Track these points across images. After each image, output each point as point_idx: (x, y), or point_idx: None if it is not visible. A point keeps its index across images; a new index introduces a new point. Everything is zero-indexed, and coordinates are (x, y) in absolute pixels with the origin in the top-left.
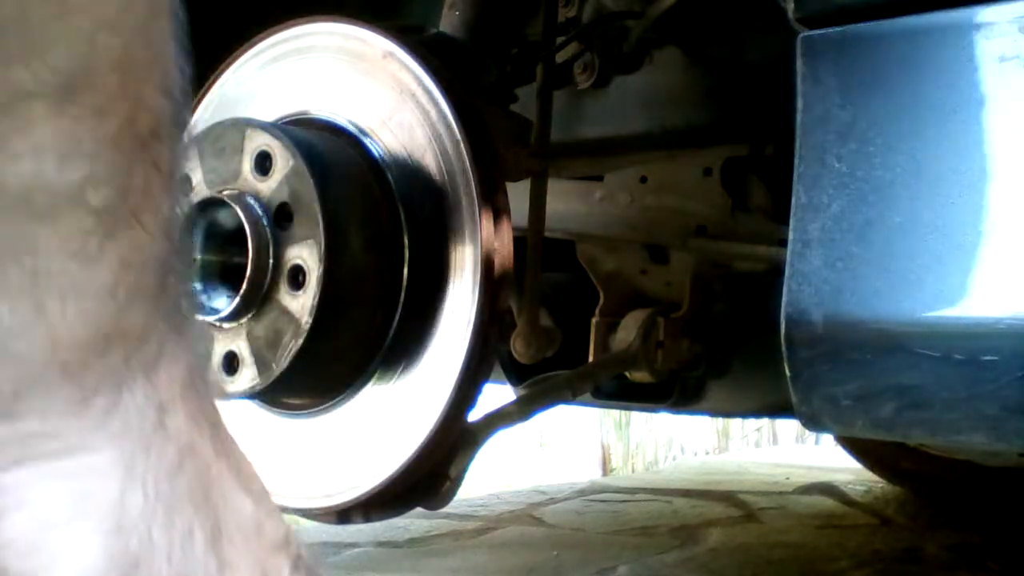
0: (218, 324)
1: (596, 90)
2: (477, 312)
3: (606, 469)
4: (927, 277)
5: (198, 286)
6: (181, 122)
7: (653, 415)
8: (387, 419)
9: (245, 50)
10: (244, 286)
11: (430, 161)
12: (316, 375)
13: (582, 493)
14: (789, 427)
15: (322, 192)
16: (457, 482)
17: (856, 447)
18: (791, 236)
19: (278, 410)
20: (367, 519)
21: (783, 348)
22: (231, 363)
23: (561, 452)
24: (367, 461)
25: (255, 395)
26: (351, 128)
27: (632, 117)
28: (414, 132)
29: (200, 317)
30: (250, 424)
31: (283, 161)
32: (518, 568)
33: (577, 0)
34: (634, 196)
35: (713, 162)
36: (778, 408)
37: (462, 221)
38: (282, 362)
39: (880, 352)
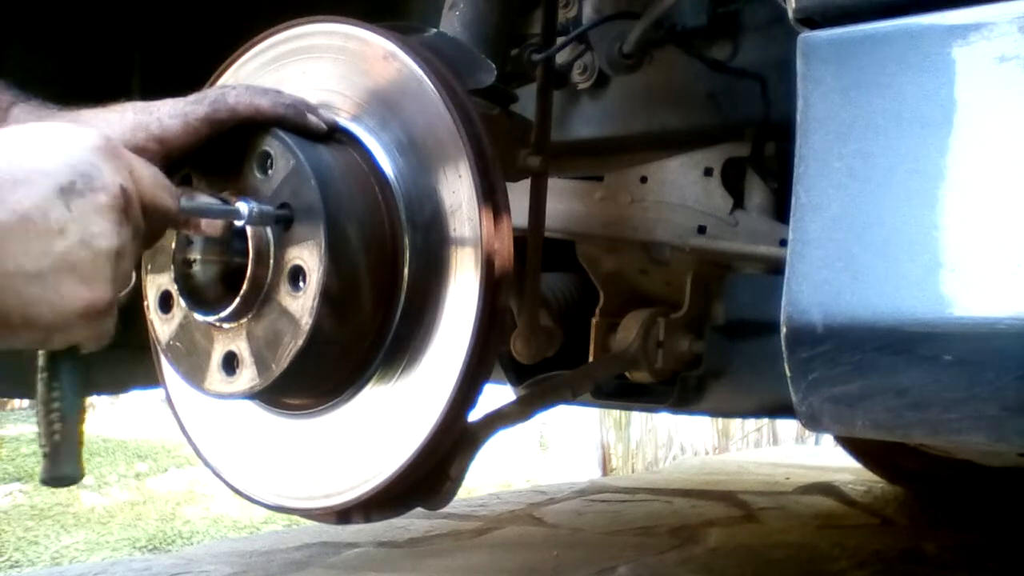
0: (218, 324)
1: (596, 90)
2: (477, 312)
3: (606, 469)
4: (927, 277)
5: (198, 286)
6: None
7: (653, 415)
8: (387, 419)
9: (246, 50)
10: (244, 286)
11: (430, 162)
12: (316, 375)
13: (582, 493)
14: (789, 427)
15: (322, 193)
16: (457, 482)
17: (856, 447)
18: (791, 236)
19: (278, 410)
20: (367, 519)
21: (783, 348)
22: (231, 363)
23: (561, 452)
24: (367, 461)
25: (255, 395)
26: (351, 129)
27: (632, 117)
28: (414, 133)
29: (201, 318)
30: (250, 424)
31: (283, 161)
32: (518, 568)
33: (577, 1)
34: (634, 196)
35: (713, 162)
36: (778, 408)
37: (462, 221)
38: (282, 362)
39: (880, 352)
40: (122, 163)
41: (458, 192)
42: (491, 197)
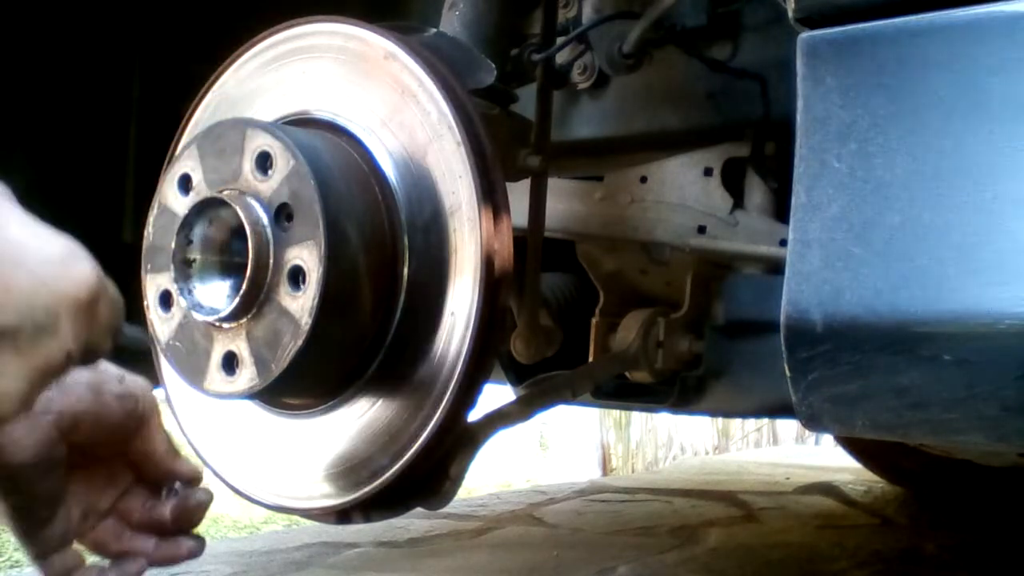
0: (218, 324)
1: (596, 90)
2: (477, 312)
3: (606, 469)
4: (927, 277)
5: (198, 286)
6: None
7: (653, 415)
8: (387, 419)
9: (246, 50)
10: (244, 286)
11: (430, 161)
12: (316, 375)
13: (582, 493)
14: (789, 427)
15: (322, 193)
16: (457, 482)
17: (856, 447)
18: (791, 236)
19: (278, 410)
20: (367, 519)
21: (783, 348)
22: (230, 363)
23: (561, 452)
24: (367, 461)
25: (255, 395)
26: (352, 129)
27: (632, 117)
28: (414, 133)
29: (201, 317)
30: (250, 424)
31: (283, 161)
32: (518, 568)
33: (577, 1)
34: (634, 196)
35: (713, 162)
36: (778, 408)
37: (462, 221)
38: (281, 362)
39: (880, 352)
40: (91, 321)
41: (458, 192)
42: (491, 197)
